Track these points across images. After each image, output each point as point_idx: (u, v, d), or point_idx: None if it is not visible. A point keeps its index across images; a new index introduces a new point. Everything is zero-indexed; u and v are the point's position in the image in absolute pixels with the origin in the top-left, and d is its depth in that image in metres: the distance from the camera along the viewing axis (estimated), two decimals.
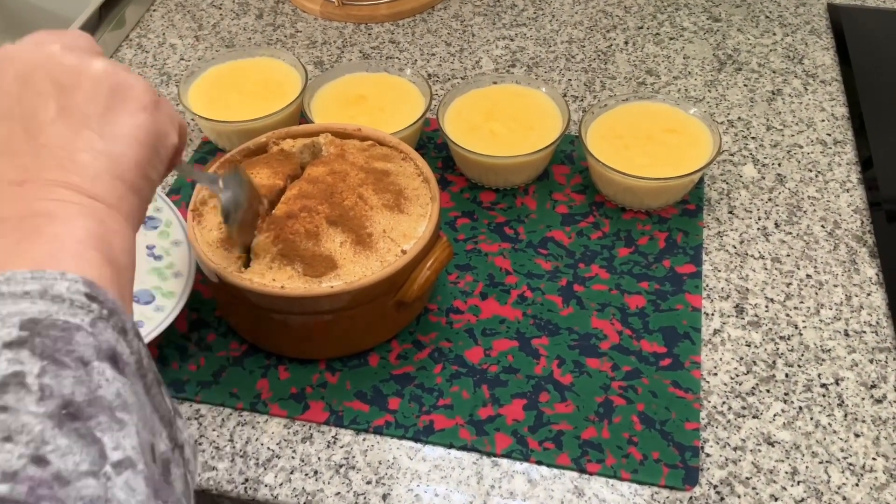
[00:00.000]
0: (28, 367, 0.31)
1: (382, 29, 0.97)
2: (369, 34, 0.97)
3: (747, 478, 0.58)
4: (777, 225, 0.74)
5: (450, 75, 0.90)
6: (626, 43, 0.94)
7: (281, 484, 0.58)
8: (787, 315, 0.67)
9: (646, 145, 0.75)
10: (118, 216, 0.40)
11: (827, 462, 0.58)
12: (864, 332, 0.66)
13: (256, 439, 0.61)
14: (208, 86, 0.82)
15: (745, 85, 0.88)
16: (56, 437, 0.30)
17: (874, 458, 0.58)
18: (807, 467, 0.58)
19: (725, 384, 0.63)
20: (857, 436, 0.60)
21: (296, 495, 0.57)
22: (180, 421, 0.39)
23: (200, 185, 0.62)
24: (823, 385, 0.63)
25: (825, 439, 0.60)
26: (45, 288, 0.34)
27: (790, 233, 0.73)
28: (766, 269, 0.71)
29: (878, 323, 0.66)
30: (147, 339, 0.60)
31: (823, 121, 0.84)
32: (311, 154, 0.69)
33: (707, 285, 0.69)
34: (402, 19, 0.98)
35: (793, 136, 0.82)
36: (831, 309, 0.68)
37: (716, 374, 0.63)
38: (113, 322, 0.35)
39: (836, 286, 0.69)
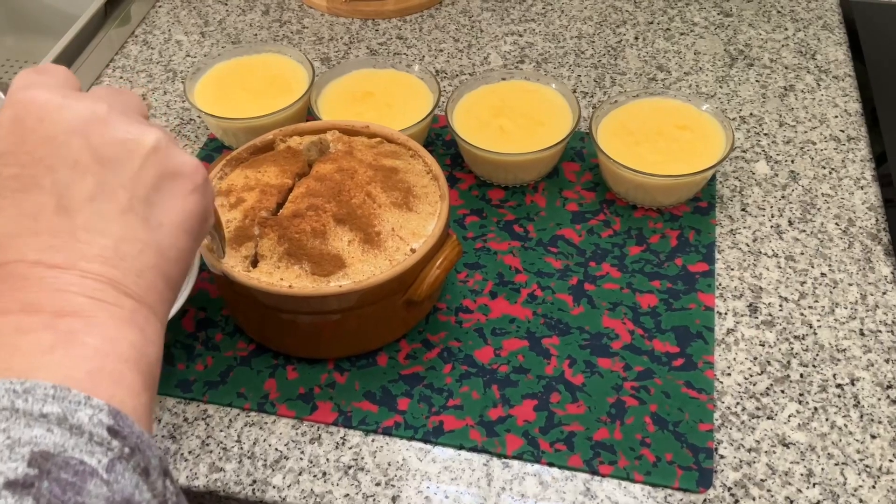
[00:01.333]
0: None
1: (390, 25, 0.96)
2: (376, 30, 0.96)
3: (762, 480, 0.57)
4: (790, 222, 0.73)
5: (458, 71, 0.89)
6: (637, 38, 0.93)
7: (289, 485, 0.57)
8: (802, 314, 0.66)
9: (657, 142, 0.74)
10: (156, 321, 0.35)
11: (843, 464, 0.58)
12: (880, 331, 0.65)
13: (264, 440, 0.60)
14: (214, 82, 0.81)
15: (757, 81, 0.87)
16: None
17: (891, 460, 0.58)
18: (822, 469, 0.57)
19: (739, 384, 0.62)
20: (873, 437, 0.59)
21: (304, 497, 0.57)
22: None
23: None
24: (839, 385, 0.62)
25: (841, 440, 0.59)
26: (65, 413, 0.29)
27: (804, 230, 0.72)
28: (779, 267, 0.70)
29: (893, 322, 0.65)
30: None
31: (837, 117, 0.83)
32: (319, 151, 0.68)
33: (720, 284, 0.68)
34: (409, 15, 0.97)
35: (806, 132, 0.81)
36: (846, 308, 0.67)
37: (729, 375, 0.63)
38: (134, 462, 0.30)
39: (850, 285, 0.68)
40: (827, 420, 0.60)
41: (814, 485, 0.56)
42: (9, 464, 0.27)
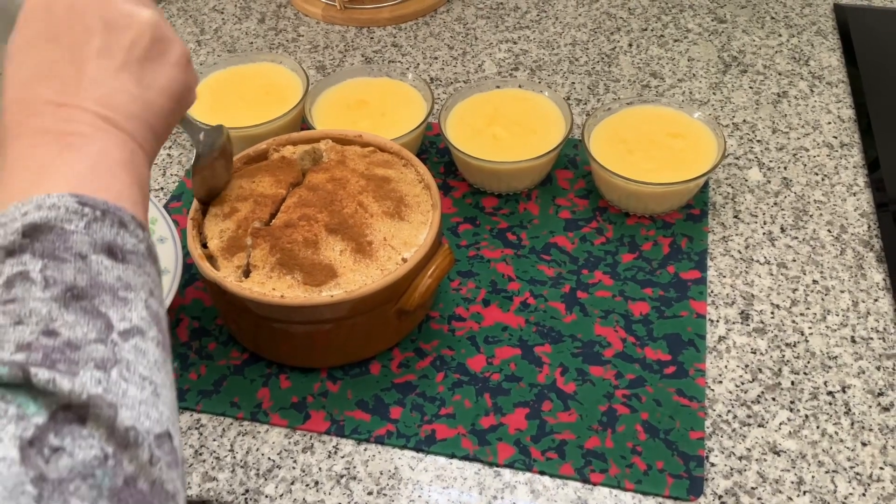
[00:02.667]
0: (31, 266, 0.34)
1: (385, 32, 0.97)
2: (371, 38, 0.96)
3: (753, 488, 0.57)
4: (783, 230, 0.73)
5: (452, 79, 0.90)
6: (630, 45, 0.93)
7: (281, 495, 0.58)
8: (793, 321, 0.66)
9: (650, 149, 0.74)
10: (143, 154, 0.43)
11: (833, 472, 0.58)
12: (872, 338, 0.65)
13: (257, 449, 0.60)
14: (210, 91, 0.82)
15: (750, 87, 0.87)
16: (63, 314, 0.33)
17: (882, 468, 0.58)
18: (813, 477, 0.57)
19: (730, 392, 0.62)
20: (864, 444, 0.59)
21: None
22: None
23: (183, 129, 0.62)
24: (830, 393, 0.62)
25: (832, 448, 0.59)
26: (38, 204, 0.36)
27: (796, 237, 0.73)
28: (771, 274, 0.70)
29: (885, 329, 0.66)
30: None
31: (830, 123, 0.83)
32: (312, 160, 0.68)
33: (712, 291, 0.69)
34: (404, 23, 0.98)
35: (799, 139, 0.82)
36: (838, 315, 0.67)
37: (721, 382, 0.63)
38: (109, 220, 0.37)
39: (842, 292, 0.68)
40: (818, 428, 0.60)
41: (804, 493, 0.57)
42: (5, 240, 0.35)
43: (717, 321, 0.67)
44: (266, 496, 0.57)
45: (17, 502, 0.28)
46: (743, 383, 0.63)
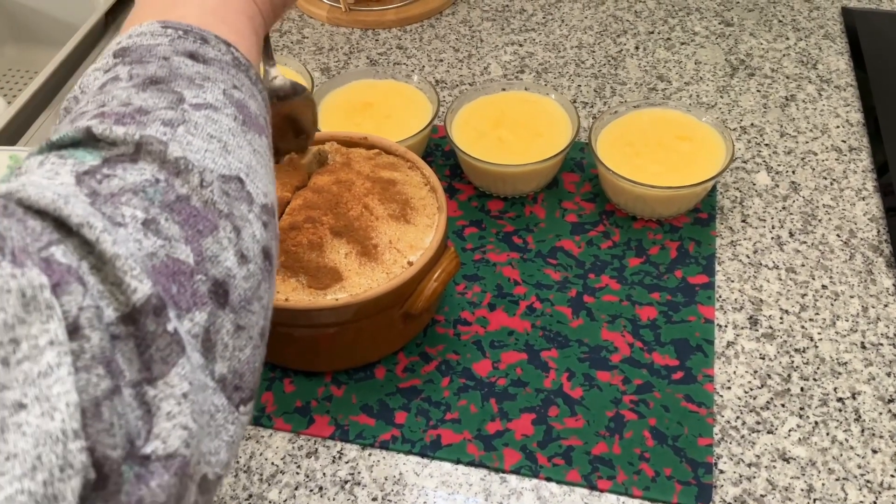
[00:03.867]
0: (120, 70, 0.37)
1: (390, 35, 0.96)
2: (377, 40, 0.96)
3: (762, 495, 0.56)
4: (791, 234, 0.73)
5: (458, 81, 0.89)
6: (637, 48, 0.93)
7: (285, 500, 0.57)
8: (803, 327, 0.66)
9: (657, 153, 0.73)
10: (261, 18, 0.44)
11: (844, 479, 0.57)
12: (882, 344, 0.64)
13: (261, 454, 0.60)
14: None
15: (758, 91, 0.87)
16: (139, 93, 0.35)
17: (892, 475, 0.57)
18: (823, 484, 0.57)
19: (739, 398, 0.61)
20: (874, 452, 0.58)
21: None
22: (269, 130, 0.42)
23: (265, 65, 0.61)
24: (840, 399, 0.61)
25: (842, 455, 0.58)
26: (129, 34, 0.39)
27: (805, 242, 0.72)
28: (780, 279, 0.69)
29: (895, 335, 0.65)
30: None
31: (838, 127, 0.82)
32: (318, 163, 0.68)
33: (720, 296, 0.68)
34: (409, 25, 0.97)
35: (807, 142, 0.81)
36: (847, 321, 0.66)
37: (729, 388, 0.62)
38: (192, 37, 0.39)
39: (852, 297, 0.68)
40: (828, 434, 0.59)
41: (814, 500, 0.56)
42: (102, 62, 0.38)
43: (726, 326, 0.66)
44: (269, 501, 0.57)
45: (68, 202, 0.29)
46: (752, 389, 0.62)
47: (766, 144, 0.81)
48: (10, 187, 0.29)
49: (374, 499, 0.57)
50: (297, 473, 0.58)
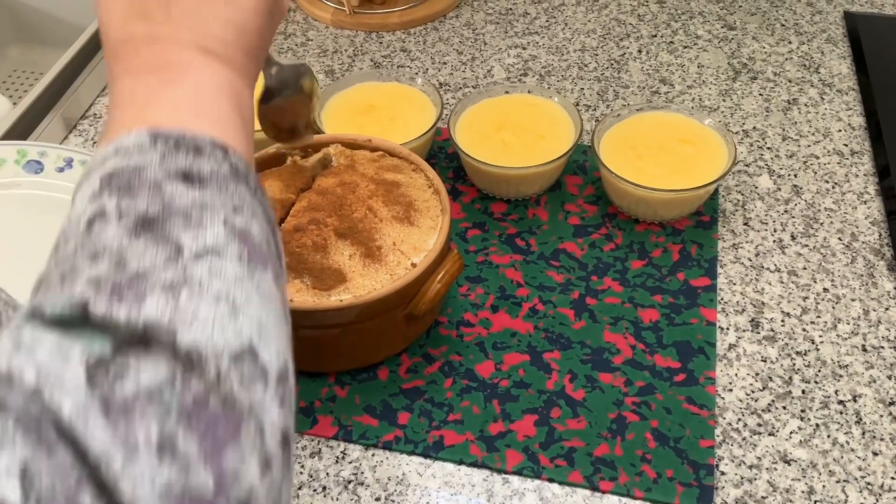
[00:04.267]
0: (107, 202, 0.35)
1: (394, 37, 0.97)
2: (381, 43, 0.96)
3: (763, 497, 0.57)
4: (793, 237, 0.73)
5: (461, 84, 0.90)
6: (640, 51, 0.93)
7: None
8: (804, 330, 0.66)
9: (659, 156, 0.74)
10: (243, 81, 0.43)
11: (844, 481, 0.57)
12: (883, 347, 0.65)
13: None
14: None
15: (760, 94, 0.87)
16: (132, 244, 0.33)
17: (893, 478, 0.57)
18: (824, 486, 0.57)
19: (741, 400, 0.62)
20: (875, 454, 0.59)
21: None
22: (279, 234, 0.41)
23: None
24: (841, 402, 0.62)
25: (843, 458, 0.59)
26: (116, 148, 0.36)
27: (807, 245, 0.72)
28: (782, 282, 0.69)
29: None
30: None
31: (840, 131, 0.83)
32: (323, 166, 0.68)
33: (722, 299, 0.68)
34: (413, 27, 0.98)
35: (809, 146, 0.81)
36: (849, 324, 0.66)
37: (731, 391, 0.62)
38: (183, 150, 0.37)
39: (853, 300, 0.68)
40: (829, 437, 0.60)
41: (815, 502, 0.56)
42: (90, 188, 0.35)
43: (728, 329, 0.66)
44: None
45: (87, 422, 0.28)
46: (753, 391, 0.62)
47: (769, 148, 0.81)
48: (25, 380, 0.29)
49: (378, 499, 0.57)
50: (301, 473, 0.59)
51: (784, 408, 0.61)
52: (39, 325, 0.31)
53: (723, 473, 0.58)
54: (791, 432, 0.60)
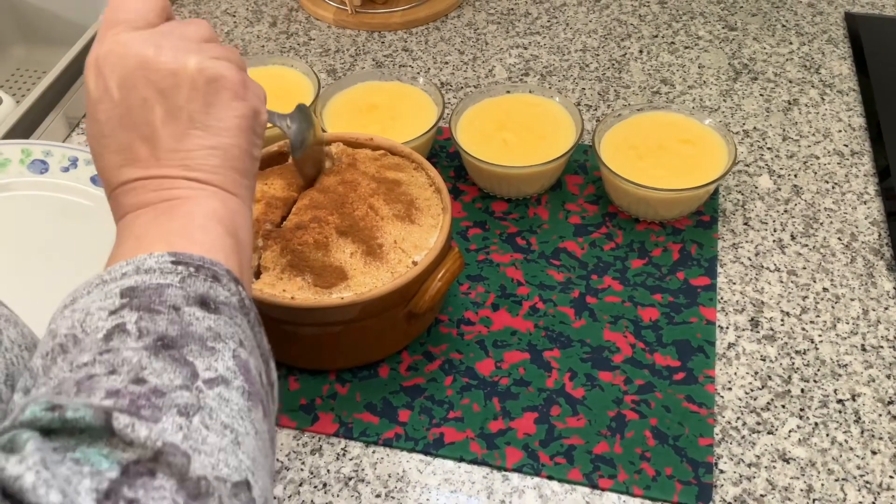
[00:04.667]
0: (127, 318, 0.36)
1: (396, 37, 0.97)
2: (382, 42, 0.96)
3: (762, 495, 0.57)
4: (793, 237, 0.73)
5: (463, 84, 0.90)
6: (641, 52, 0.93)
7: (290, 496, 0.58)
8: (803, 329, 0.66)
9: (660, 156, 0.74)
10: (237, 200, 0.45)
11: (843, 480, 0.57)
12: (882, 346, 0.65)
13: None
14: None
15: (760, 95, 0.87)
16: (152, 362, 0.35)
17: (891, 476, 0.57)
18: (822, 485, 0.57)
19: (740, 399, 0.62)
20: (874, 453, 0.59)
21: None
22: (272, 363, 0.42)
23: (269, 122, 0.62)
24: (840, 401, 0.62)
25: (841, 456, 0.59)
26: (137, 266, 0.38)
27: (806, 245, 0.73)
28: (781, 282, 0.70)
29: (895, 338, 0.65)
30: None
31: (840, 131, 0.83)
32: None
33: (721, 298, 0.69)
34: (415, 27, 0.98)
35: (809, 146, 0.81)
36: (848, 323, 0.67)
37: (730, 389, 0.63)
38: (203, 275, 0.39)
39: (852, 300, 0.68)
40: (827, 436, 0.60)
41: (814, 500, 0.56)
42: (109, 301, 0.37)
43: (727, 328, 0.67)
44: (274, 498, 0.57)
45: None
46: (752, 390, 0.63)
47: (769, 148, 0.81)
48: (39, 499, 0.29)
49: (378, 496, 0.58)
50: (302, 470, 0.59)
51: (783, 406, 0.62)
52: (58, 438, 0.32)
53: (722, 471, 0.58)
54: (790, 431, 0.60)
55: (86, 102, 0.44)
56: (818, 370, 0.64)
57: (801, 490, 0.57)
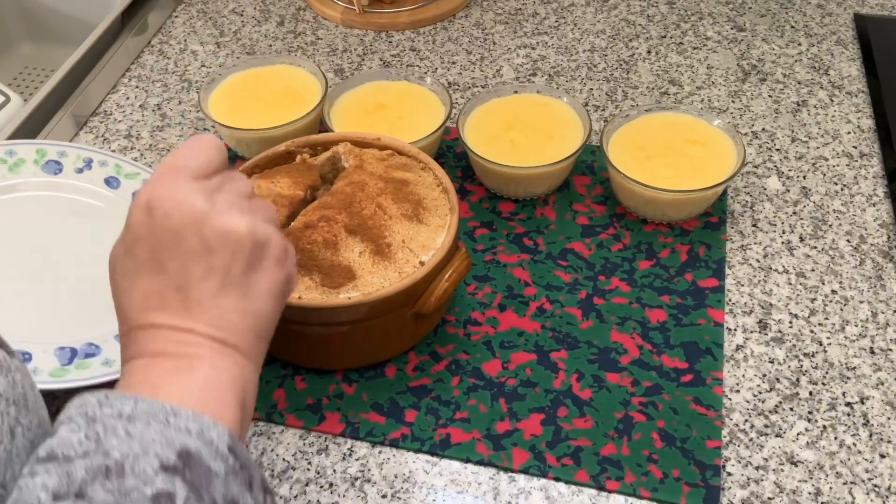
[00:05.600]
0: (178, 491, 0.36)
1: (403, 37, 0.97)
2: (390, 42, 0.96)
3: (769, 498, 0.57)
4: (802, 239, 0.73)
5: (470, 84, 0.90)
6: (649, 52, 0.93)
7: (296, 496, 0.57)
8: (812, 331, 0.66)
9: (668, 156, 0.74)
10: (252, 366, 0.45)
11: (851, 483, 0.57)
12: (891, 349, 0.65)
13: (272, 450, 0.60)
14: (229, 93, 0.82)
15: (769, 96, 0.87)
16: None
17: None
18: (830, 488, 0.57)
19: (748, 401, 0.62)
20: (882, 456, 0.59)
21: None
22: None
23: None
24: (848, 404, 0.62)
25: (850, 460, 0.58)
26: (201, 429, 0.38)
27: (815, 247, 0.72)
28: (790, 283, 0.69)
29: None
30: None
31: (849, 133, 0.83)
32: (332, 164, 0.68)
33: (730, 300, 0.68)
34: (422, 27, 0.98)
35: (818, 148, 0.81)
36: (857, 326, 0.66)
37: (738, 392, 0.62)
38: (242, 477, 0.39)
39: (861, 302, 0.68)
40: (836, 439, 0.60)
41: None
42: (166, 451, 0.37)
43: (735, 330, 0.66)
44: (280, 497, 0.57)
45: None
46: (760, 393, 0.62)
47: (778, 149, 0.81)
48: None
49: (384, 496, 0.57)
50: (308, 470, 0.59)
51: (791, 409, 0.61)
52: None
53: (729, 474, 0.58)
54: (798, 434, 0.60)
55: (123, 234, 0.44)
56: (826, 373, 0.63)
57: (809, 493, 0.57)
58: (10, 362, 0.41)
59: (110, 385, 0.48)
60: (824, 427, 0.60)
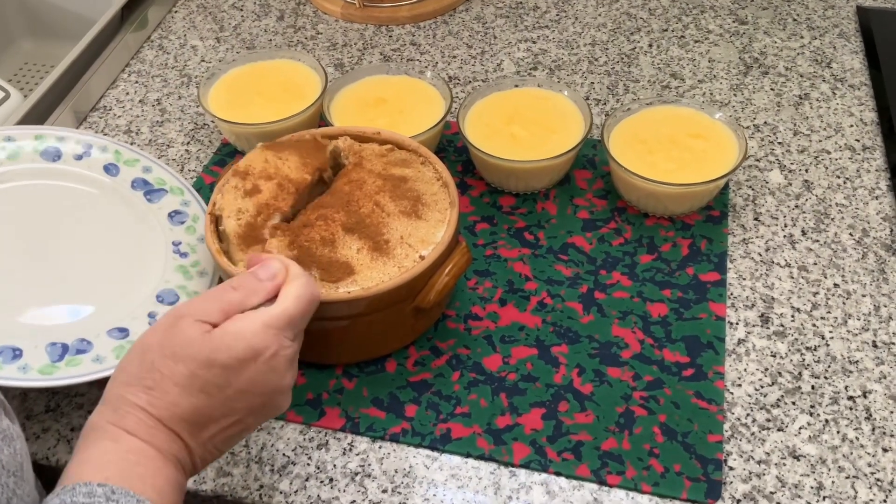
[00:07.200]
0: None
1: (403, 31, 0.96)
2: (390, 36, 0.96)
3: (771, 492, 0.56)
4: (804, 232, 0.73)
5: (471, 78, 0.89)
6: (651, 45, 0.92)
7: (296, 491, 0.57)
8: (814, 325, 0.66)
9: (670, 150, 0.73)
10: (199, 462, 0.49)
11: (854, 477, 0.57)
12: (894, 343, 0.64)
13: (272, 445, 0.60)
14: (228, 88, 0.82)
15: (771, 89, 0.86)
16: None
17: None
18: (833, 482, 0.57)
19: (750, 396, 0.62)
20: (885, 450, 0.58)
21: (311, 503, 0.57)
22: None
23: None
24: (851, 398, 0.61)
25: (852, 454, 0.58)
26: None
27: (817, 241, 0.72)
28: (792, 277, 0.69)
29: None
30: None
31: (852, 126, 0.82)
32: (333, 158, 0.68)
33: (731, 294, 0.68)
34: (423, 21, 0.97)
35: (820, 141, 0.81)
36: (859, 319, 0.66)
37: (740, 385, 0.62)
38: None
39: (864, 296, 0.68)
40: (838, 433, 0.59)
41: (824, 498, 0.56)
42: None
43: (737, 324, 0.66)
44: (281, 492, 0.57)
45: None
46: (762, 387, 0.62)
47: (780, 143, 0.81)
48: None
49: (384, 491, 0.57)
50: (308, 465, 0.59)
51: (793, 403, 0.61)
52: None
53: (731, 468, 0.58)
54: (800, 428, 0.60)
55: (141, 342, 0.48)
56: (829, 366, 0.63)
57: (812, 487, 0.56)
58: (12, 430, 0.43)
59: (100, 383, 0.49)
60: (826, 421, 0.60)
